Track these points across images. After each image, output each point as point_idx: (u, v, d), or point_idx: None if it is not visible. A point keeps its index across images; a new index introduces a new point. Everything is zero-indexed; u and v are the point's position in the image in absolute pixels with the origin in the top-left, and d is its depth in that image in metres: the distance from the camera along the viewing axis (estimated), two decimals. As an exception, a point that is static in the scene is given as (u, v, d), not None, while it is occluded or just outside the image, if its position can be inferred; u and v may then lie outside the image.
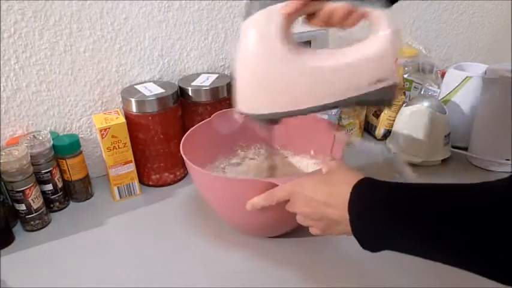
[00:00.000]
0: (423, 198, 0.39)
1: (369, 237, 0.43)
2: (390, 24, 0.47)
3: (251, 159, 0.75)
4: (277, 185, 0.52)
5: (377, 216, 0.41)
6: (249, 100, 0.51)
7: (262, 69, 0.49)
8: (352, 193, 0.43)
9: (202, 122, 0.69)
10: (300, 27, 0.52)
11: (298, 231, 0.53)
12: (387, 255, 0.43)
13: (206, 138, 0.69)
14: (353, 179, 0.44)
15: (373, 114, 0.93)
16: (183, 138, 0.64)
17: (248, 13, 0.48)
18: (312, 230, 0.50)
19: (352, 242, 0.43)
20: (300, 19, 0.50)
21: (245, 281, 0.56)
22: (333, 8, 0.46)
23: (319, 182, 0.48)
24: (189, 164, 0.58)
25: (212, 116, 0.70)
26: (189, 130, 0.67)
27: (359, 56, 0.48)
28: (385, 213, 0.41)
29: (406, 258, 0.41)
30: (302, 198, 0.49)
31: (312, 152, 0.72)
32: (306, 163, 0.73)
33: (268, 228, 0.62)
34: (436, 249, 0.38)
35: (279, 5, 0.47)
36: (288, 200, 0.51)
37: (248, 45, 0.48)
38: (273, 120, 0.53)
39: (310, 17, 0.49)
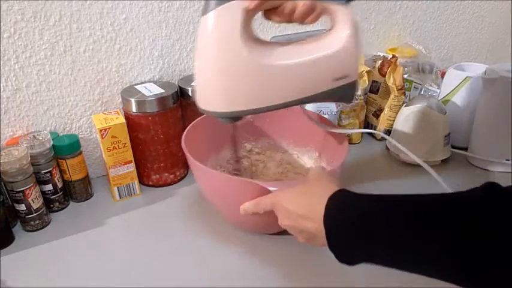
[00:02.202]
0: (396, 211, 0.39)
1: (344, 251, 0.42)
2: (352, 20, 0.47)
3: (257, 153, 0.76)
4: (266, 188, 0.52)
5: (351, 229, 0.40)
6: (209, 99, 0.50)
7: (223, 68, 0.47)
8: (326, 206, 0.42)
9: (205, 115, 0.69)
10: (298, 27, 0.51)
11: None
12: None
13: (212, 130, 0.69)
14: (329, 191, 0.44)
15: (373, 114, 0.93)
16: (186, 130, 0.65)
17: (206, 9, 0.45)
18: (297, 239, 0.50)
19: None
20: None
21: (245, 278, 0.56)
22: (294, 4, 0.45)
23: (298, 194, 0.48)
24: (188, 156, 0.59)
25: None
26: (193, 121, 0.67)
27: (323, 53, 0.47)
28: (359, 226, 0.40)
29: None
30: (282, 211, 0.49)
31: (317, 154, 0.73)
32: (311, 162, 0.74)
33: (267, 225, 0.62)
34: (409, 261, 0.38)
35: (238, 1, 0.44)
36: None
37: (208, 43, 0.46)
38: (234, 117, 0.52)
39: (269, 12, 0.47)
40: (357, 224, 0.40)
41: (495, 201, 0.34)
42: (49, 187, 0.68)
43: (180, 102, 0.75)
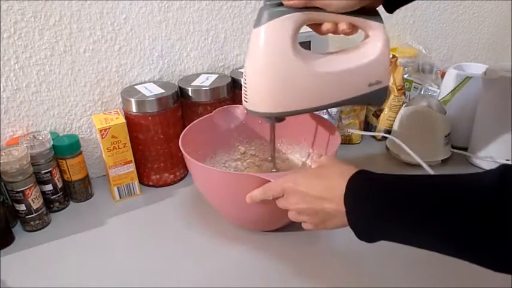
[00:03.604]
0: (418, 189, 0.40)
1: (365, 229, 0.43)
2: (384, 33, 0.54)
3: (252, 155, 0.76)
4: (267, 180, 0.52)
5: (373, 207, 0.42)
6: (260, 101, 0.55)
7: (276, 74, 0.52)
8: (347, 186, 0.44)
9: (203, 117, 0.70)
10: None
11: (294, 225, 0.54)
12: (382, 247, 0.44)
13: (206, 133, 0.70)
14: (347, 171, 0.45)
15: (373, 114, 0.93)
16: (183, 132, 0.65)
17: (258, 21, 0.50)
18: (305, 226, 0.51)
19: (347, 234, 0.44)
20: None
21: (246, 276, 0.56)
22: (336, 20, 0.51)
23: (313, 176, 0.49)
24: (186, 156, 0.59)
25: (214, 112, 0.70)
26: (189, 125, 0.68)
27: (361, 61, 0.54)
28: (381, 204, 0.41)
29: (400, 250, 0.42)
30: (296, 194, 0.49)
31: (311, 151, 0.73)
32: (306, 161, 0.74)
33: (266, 221, 0.62)
34: (431, 239, 0.39)
35: (290, 15, 0.50)
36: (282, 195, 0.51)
37: (262, 51, 0.51)
38: (279, 118, 0.58)
39: (315, 25, 0.53)
40: (377, 203, 0.41)
41: (509, 185, 0.35)
42: (49, 187, 0.68)
43: (180, 102, 0.75)
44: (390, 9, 0.55)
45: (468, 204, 0.36)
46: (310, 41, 0.87)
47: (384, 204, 0.41)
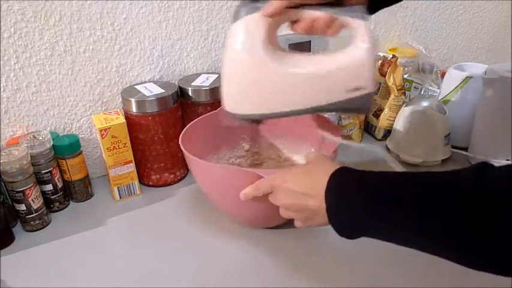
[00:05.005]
0: (397, 186, 0.40)
1: (345, 225, 0.43)
2: (369, 35, 0.48)
3: (255, 152, 0.76)
4: (262, 176, 0.53)
5: (352, 203, 0.42)
6: (233, 101, 0.53)
7: (245, 73, 0.50)
8: (328, 182, 0.44)
9: (204, 115, 0.70)
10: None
11: (292, 222, 0.55)
12: (380, 245, 0.43)
13: (208, 130, 0.70)
14: (331, 168, 0.45)
15: (373, 115, 0.93)
16: (184, 130, 0.65)
17: (236, 17, 0.49)
18: (296, 223, 0.51)
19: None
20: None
21: (246, 275, 0.56)
22: (315, 16, 0.47)
23: (300, 173, 0.49)
24: (184, 152, 0.59)
25: (219, 109, 0.70)
26: (191, 122, 0.68)
27: (339, 64, 0.49)
28: (360, 200, 0.41)
29: (397, 248, 0.42)
30: (283, 191, 0.50)
31: (313, 151, 0.73)
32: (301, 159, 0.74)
33: (267, 218, 0.62)
34: (409, 236, 0.39)
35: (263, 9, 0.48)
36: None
37: (233, 49, 0.49)
38: (255, 120, 0.54)
39: (294, 23, 0.50)
40: (356, 199, 0.42)
41: (487, 182, 0.35)
42: (49, 187, 0.68)
43: (180, 102, 0.75)
44: (372, 10, 0.53)
45: (444, 201, 0.36)
46: (310, 41, 0.87)
47: (363, 200, 0.41)
